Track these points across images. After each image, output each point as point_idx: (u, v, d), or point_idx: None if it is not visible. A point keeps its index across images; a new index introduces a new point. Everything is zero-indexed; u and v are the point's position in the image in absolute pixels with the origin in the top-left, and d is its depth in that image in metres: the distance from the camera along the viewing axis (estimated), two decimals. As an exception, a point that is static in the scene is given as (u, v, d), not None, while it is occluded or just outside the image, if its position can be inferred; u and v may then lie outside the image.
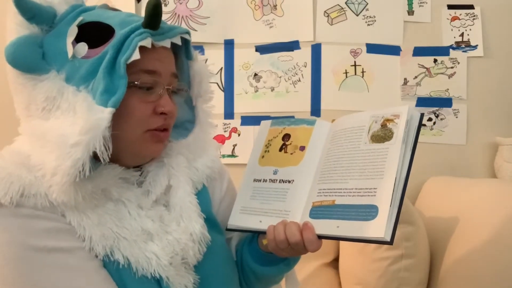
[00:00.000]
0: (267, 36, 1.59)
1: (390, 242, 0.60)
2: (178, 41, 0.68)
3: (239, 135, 1.59)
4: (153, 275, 0.63)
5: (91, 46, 0.63)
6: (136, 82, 0.63)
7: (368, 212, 0.62)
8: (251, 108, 1.59)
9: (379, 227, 0.60)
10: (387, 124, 0.67)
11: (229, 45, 1.60)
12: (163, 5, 1.58)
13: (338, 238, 0.65)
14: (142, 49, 0.62)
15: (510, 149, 1.46)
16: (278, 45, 1.59)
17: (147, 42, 0.62)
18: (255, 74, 1.60)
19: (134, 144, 0.66)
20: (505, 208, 1.01)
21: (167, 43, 0.67)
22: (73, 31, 0.64)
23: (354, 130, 0.71)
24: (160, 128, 0.68)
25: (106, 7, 0.73)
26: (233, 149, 1.59)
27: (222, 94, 1.60)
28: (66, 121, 0.60)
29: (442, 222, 1.18)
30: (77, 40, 0.64)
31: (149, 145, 0.68)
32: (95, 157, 0.61)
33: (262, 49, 1.59)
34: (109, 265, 0.62)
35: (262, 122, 0.87)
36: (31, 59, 0.63)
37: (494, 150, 1.54)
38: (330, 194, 0.68)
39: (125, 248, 0.63)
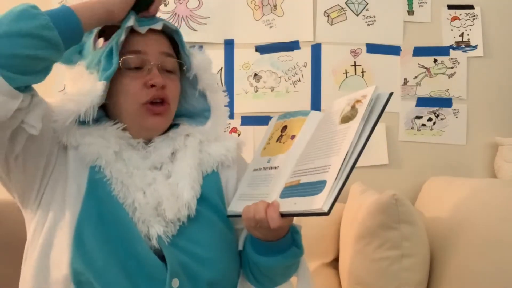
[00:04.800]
0: (267, 36, 1.59)
1: (327, 213, 0.61)
2: (158, 27, 0.80)
3: (239, 135, 1.59)
4: (125, 205, 0.72)
5: (106, 39, 0.79)
6: (120, 62, 0.75)
7: (318, 187, 0.64)
8: (251, 108, 1.59)
9: (320, 199, 0.62)
10: (356, 105, 0.69)
11: (229, 45, 1.60)
12: (163, 5, 1.58)
13: (295, 214, 0.68)
14: (134, 34, 0.79)
15: (510, 149, 1.46)
16: (278, 45, 1.59)
17: (131, 22, 0.76)
18: (255, 74, 1.60)
19: (134, 117, 0.78)
20: (505, 208, 1.01)
21: (143, 30, 0.79)
22: (96, 30, 0.80)
23: (332, 115, 0.74)
24: (155, 99, 0.78)
25: None
26: (233, 149, 1.59)
27: (222, 94, 1.60)
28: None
29: (442, 222, 1.18)
30: (99, 36, 0.81)
31: (148, 117, 0.78)
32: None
33: (262, 49, 1.59)
34: (95, 173, 0.73)
35: (272, 118, 0.92)
36: (68, 56, 0.79)
37: (494, 150, 1.54)
38: (298, 175, 0.71)
39: (116, 172, 0.74)
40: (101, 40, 0.80)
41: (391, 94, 0.66)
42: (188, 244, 0.74)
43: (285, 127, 0.84)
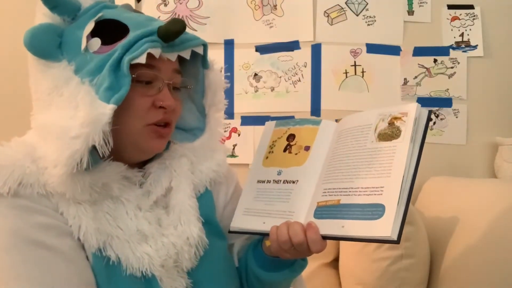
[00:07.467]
0: (267, 36, 1.59)
1: (397, 241, 0.58)
2: (187, 55, 0.69)
3: (239, 135, 1.59)
4: (144, 274, 0.64)
5: (104, 42, 0.65)
6: (133, 76, 0.63)
7: (374, 211, 0.61)
8: (251, 108, 1.59)
9: (386, 226, 0.59)
10: (395, 122, 0.66)
11: (229, 45, 1.60)
12: (163, 5, 1.58)
13: (343, 238, 0.64)
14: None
15: (510, 149, 1.46)
16: (278, 45, 1.59)
17: (156, 52, 0.64)
18: (255, 74, 1.60)
19: (135, 137, 0.67)
20: (505, 208, 1.01)
21: (173, 57, 0.68)
22: (90, 25, 0.65)
23: (360, 129, 0.70)
24: (161, 122, 0.69)
25: (128, 7, 0.75)
26: (233, 149, 1.59)
27: (222, 94, 1.60)
28: (68, 113, 0.60)
29: (442, 222, 1.18)
30: (93, 34, 0.65)
31: (150, 139, 0.68)
32: (101, 156, 0.62)
33: (262, 49, 1.59)
34: (99, 259, 0.63)
35: (267, 123, 0.86)
36: (46, 46, 0.65)
37: (494, 150, 1.54)
38: (335, 194, 0.67)
39: (117, 246, 0.63)
40: (97, 41, 0.65)
41: (430, 112, 0.66)
42: (203, 281, 0.71)
43: (291, 136, 0.79)
